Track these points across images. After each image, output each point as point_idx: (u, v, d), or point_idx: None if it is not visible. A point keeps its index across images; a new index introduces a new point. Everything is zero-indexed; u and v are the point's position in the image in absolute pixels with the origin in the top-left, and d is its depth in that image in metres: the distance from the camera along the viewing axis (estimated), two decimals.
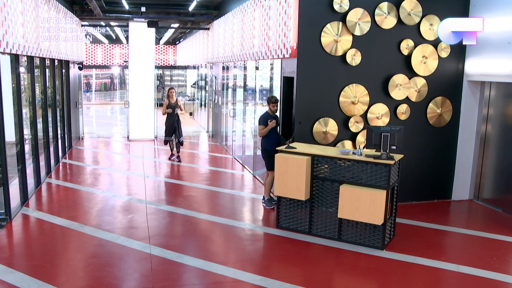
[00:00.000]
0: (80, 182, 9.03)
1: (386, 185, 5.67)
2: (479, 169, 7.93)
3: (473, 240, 6.33)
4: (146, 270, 5.16)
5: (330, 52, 6.99)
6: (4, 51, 6.37)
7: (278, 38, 7.73)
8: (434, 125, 7.67)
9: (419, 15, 7.25)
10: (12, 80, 7.04)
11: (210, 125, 15.83)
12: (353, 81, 7.13)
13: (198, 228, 6.60)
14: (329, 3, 6.89)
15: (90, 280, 4.97)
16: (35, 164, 8.41)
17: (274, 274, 5.12)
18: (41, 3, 8.65)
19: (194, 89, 21.81)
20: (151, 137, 14.41)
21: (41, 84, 9.14)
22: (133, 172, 10.11)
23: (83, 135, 14.80)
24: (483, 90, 7.76)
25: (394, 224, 6.20)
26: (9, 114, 6.94)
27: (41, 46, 8.49)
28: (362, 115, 7.26)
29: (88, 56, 25.40)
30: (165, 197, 8.11)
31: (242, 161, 10.81)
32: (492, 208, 7.61)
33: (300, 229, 6.36)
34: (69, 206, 7.46)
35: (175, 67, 28.16)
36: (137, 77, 14.31)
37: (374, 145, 5.81)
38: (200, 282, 4.98)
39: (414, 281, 5.11)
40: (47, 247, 5.84)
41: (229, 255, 5.74)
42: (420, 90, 7.47)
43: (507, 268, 5.50)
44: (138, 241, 5.96)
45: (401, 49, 7.28)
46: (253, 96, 10.30)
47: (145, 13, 14.44)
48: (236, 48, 11.01)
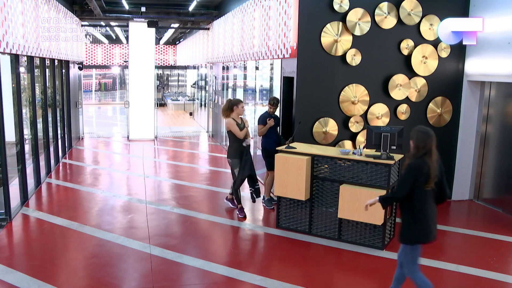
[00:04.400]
0: (80, 182, 9.03)
1: (386, 185, 5.67)
2: (479, 169, 7.93)
3: (473, 240, 6.33)
4: (146, 270, 5.16)
5: (330, 52, 6.99)
6: (4, 51, 6.37)
7: (278, 38, 7.73)
8: (434, 125, 7.67)
9: (419, 15, 7.25)
10: (12, 80, 7.04)
11: (210, 125, 15.83)
12: (353, 81, 7.13)
13: (198, 228, 6.60)
14: (329, 3, 6.89)
15: (90, 280, 4.97)
16: (35, 164, 8.41)
17: (274, 274, 5.12)
18: (41, 3, 8.65)
19: (194, 89, 21.82)
20: (151, 137, 14.41)
21: (41, 84, 9.14)
22: (133, 172, 10.11)
23: (83, 135, 14.80)
24: (483, 90, 7.75)
25: (394, 224, 6.20)
26: (9, 114, 6.94)
27: (41, 46, 8.48)
28: (362, 115, 7.26)
29: (88, 56, 25.40)
30: (165, 197, 8.11)
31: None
32: (492, 208, 7.61)
33: (300, 229, 6.36)
34: (69, 206, 7.46)
35: (175, 67, 28.17)
36: (137, 77, 14.32)
37: (374, 145, 5.81)
38: (200, 282, 4.98)
39: None
40: (47, 247, 5.84)
41: (229, 255, 5.74)
42: (420, 90, 7.47)
43: (507, 268, 5.50)
44: (138, 241, 5.96)
45: (401, 49, 7.28)
46: (253, 96, 10.30)
47: (145, 13, 14.44)
48: (236, 48, 11.01)
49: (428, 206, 4.07)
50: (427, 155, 4.00)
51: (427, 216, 4.06)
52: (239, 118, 6.93)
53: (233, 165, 6.96)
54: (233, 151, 6.90)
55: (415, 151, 4.06)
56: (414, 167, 4.02)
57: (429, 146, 4.00)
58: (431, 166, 3.98)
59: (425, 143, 4.00)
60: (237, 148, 6.85)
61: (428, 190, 4.04)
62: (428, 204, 4.07)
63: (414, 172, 4.01)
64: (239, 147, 6.84)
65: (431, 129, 4.11)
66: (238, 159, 6.85)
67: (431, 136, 4.03)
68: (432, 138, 4.03)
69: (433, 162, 3.99)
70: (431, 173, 3.98)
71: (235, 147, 6.86)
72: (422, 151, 4.01)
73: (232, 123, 6.81)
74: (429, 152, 4.00)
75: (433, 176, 3.99)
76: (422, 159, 4.00)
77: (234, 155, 6.88)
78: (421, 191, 4.02)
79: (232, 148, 6.92)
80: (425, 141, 4.01)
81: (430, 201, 4.09)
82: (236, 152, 6.87)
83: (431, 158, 3.99)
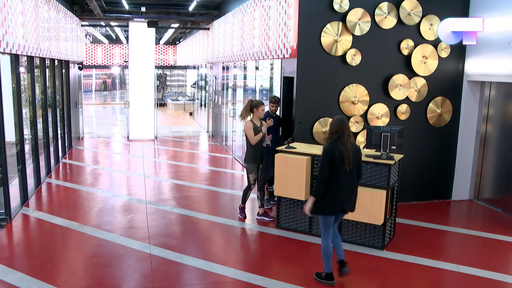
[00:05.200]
0: (80, 182, 9.03)
1: (386, 185, 5.67)
2: (479, 169, 7.93)
3: (473, 240, 6.33)
4: (146, 270, 5.16)
5: (330, 52, 6.99)
6: (4, 51, 6.37)
7: (278, 38, 7.73)
8: (434, 125, 7.67)
9: (419, 15, 7.25)
10: (12, 80, 7.04)
11: (210, 125, 15.83)
12: (353, 81, 7.13)
13: (198, 228, 6.60)
14: (329, 3, 6.89)
15: (90, 280, 4.97)
16: (35, 164, 8.41)
17: (274, 274, 5.12)
18: (41, 3, 8.65)
19: (194, 89, 21.83)
20: (151, 137, 14.41)
21: (41, 84, 9.14)
22: (133, 172, 10.11)
23: (83, 135, 14.80)
24: (483, 90, 7.75)
25: (394, 224, 6.20)
26: (9, 114, 6.94)
27: (41, 46, 8.48)
28: (362, 115, 7.26)
29: (88, 56, 25.41)
30: (165, 197, 8.11)
31: (242, 161, 10.80)
32: (492, 208, 7.61)
33: (300, 229, 6.36)
34: (69, 206, 7.46)
35: (175, 67, 28.18)
36: (137, 77, 14.32)
37: (374, 145, 5.81)
38: (200, 282, 4.98)
39: (414, 281, 5.11)
40: (47, 247, 5.84)
41: (229, 255, 5.74)
42: (420, 90, 7.47)
43: (507, 268, 5.50)
44: (138, 241, 5.95)
45: (401, 49, 7.28)
46: (253, 96, 10.30)
47: (145, 13, 14.44)
48: (236, 48, 11.01)
49: (343, 184, 4.58)
50: (339, 140, 4.53)
51: (339, 192, 4.60)
52: (258, 120, 6.61)
53: (248, 170, 6.67)
54: (251, 156, 6.59)
55: (329, 136, 4.64)
56: (327, 150, 4.59)
57: (341, 132, 4.53)
58: (342, 149, 4.49)
59: (337, 129, 4.55)
60: (256, 152, 6.54)
61: (347, 170, 4.54)
62: (343, 182, 4.58)
63: (327, 154, 4.55)
64: (257, 152, 6.52)
65: (345, 118, 4.78)
66: (255, 164, 6.56)
67: (343, 123, 4.59)
68: (344, 125, 4.57)
69: (345, 145, 4.50)
70: (344, 155, 4.48)
71: (253, 151, 6.56)
72: (335, 136, 4.56)
73: (249, 126, 6.51)
74: (342, 136, 4.53)
75: (348, 158, 4.49)
76: (335, 143, 4.54)
77: (252, 160, 6.59)
78: (338, 171, 4.54)
79: (250, 153, 6.60)
80: (337, 127, 4.57)
81: (346, 180, 4.60)
82: (254, 157, 6.56)
83: (343, 142, 4.51)
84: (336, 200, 4.62)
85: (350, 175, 4.60)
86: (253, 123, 6.56)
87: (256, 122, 6.60)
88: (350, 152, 4.50)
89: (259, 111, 6.55)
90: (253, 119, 6.60)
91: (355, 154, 4.61)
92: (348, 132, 4.58)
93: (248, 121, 6.61)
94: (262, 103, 6.62)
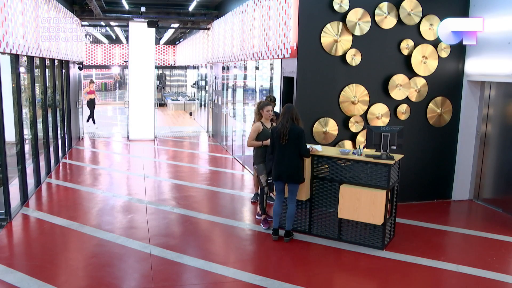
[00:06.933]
0: (80, 182, 9.03)
1: (386, 185, 5.67)
2: (479, 169, 7.93)
3: (473, 240, 6.33)
4: (146, 270, 5.16)
5: (330, 52, 6.99)
6: (4, 51, 6.37)
7: (278, 38, 7.73)
8: (434, 125, 7.67)
9: (419, 15, 7.25)
10: (12, 80, 7.04)
11: (210, 125, 15.83)
12: (353, 81, 7.13)
13: (198, 228, 6.60)
14: (329, 3, 6.89)
15: (90, 280, 4.97)
16: (35, 164, 8.41)
17: (274, 274, 5.12)
18: (41, 3, 8.65)
19: (194, 89, 21.82)
20: (151, 137, 14.41)
21: (41, 84, 9.14)
22: (133, 172, 10.11)
23: (83, 135, 14.80)
24: (483, 90, 7.76)
25: (394, 224, 6.20)
26: (9, 114, 6.94)
27: (41, 46, 8.49)
28: (362, 115, 7.26)
29: (88, 56, 25.41)
30: (165, 197, 8.11)
31: (242, 161, 10.80)
32: (492, 208, 7.61)
33: (300, 229, 6.36)
34: (69, 206, 7.46)
35: (175, 67, 28.18)
36: (137, 77, 14.32)
37: (374, 145, 5.81)
38: (200, 282, 4.98)
39: (414, 281, 5.11)
40: (47, 247, 5.84)
41: (229, 255, 5.74)
42: (420, 90, 7.47)
43: (507, 268, 5.50)
44: (138, 241, 5.96)
45: (401, 49, 7.28)
46: (253, 96, 10.30)
47: (145, 13, 14.45)
48: (236, 48, 11.02)
49: (281, 155, 5.80)
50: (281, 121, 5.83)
51: (278, 162, 5.83)
52: (268, 122, 6.57)
53: (259, 171, 6.54)
54: (259, 156, 6.53)
55: (279, 119, 5.94)
56: (272, 129, 6.06)
57: (283, 115, 5.84)
58: (280, 128, 5.77)
59: (283, 113, 5.88)
60: (262, 153, 6.47)
61: (283, 144, 5.75)
62: (281, 153, 5.80)
63: (272, 132, 5.98)
64: (264, 152, 6.42)
65: (291, 105, 6.02)
66: (264, 164, 6.45)
67: (287, 108, 5.86)
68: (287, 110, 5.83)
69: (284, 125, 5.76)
70: (281, 133, 5.75)
71: (260, 152, 6.50)
72: (280, 118, 5.92)
73: (254, 127, 6.51)
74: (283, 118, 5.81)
75: (283, 134, 5.73)
76: (280, 124, 5.83)
77: (259, 160, 6.52)
78: (278, 145, 5.83)
79: (257, 154, 6.55)
80: (283, 112, 5.90)
81: (284, 152, 5.79)
82: (262, 157, 6.49)
83: (283, 122, 5.78)
84: (275, 169, 5.87)
85: (285, 148, 5.75)
86: (263, 125, 6.51)
87: (266, 123, 6.55)
88: (287, 130, 5.71)
89: (264, 112, 6.52)
90: (262, 120, 6.56)
91: (292, 133, 5.71)
92: (290, 116, 5.77)
93: (257, 122, 6.57)
94: (267, 104, 6.58)
